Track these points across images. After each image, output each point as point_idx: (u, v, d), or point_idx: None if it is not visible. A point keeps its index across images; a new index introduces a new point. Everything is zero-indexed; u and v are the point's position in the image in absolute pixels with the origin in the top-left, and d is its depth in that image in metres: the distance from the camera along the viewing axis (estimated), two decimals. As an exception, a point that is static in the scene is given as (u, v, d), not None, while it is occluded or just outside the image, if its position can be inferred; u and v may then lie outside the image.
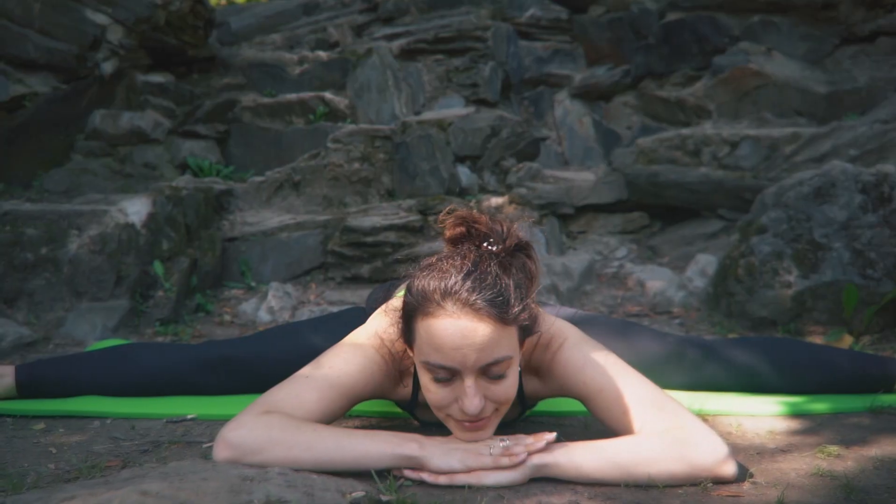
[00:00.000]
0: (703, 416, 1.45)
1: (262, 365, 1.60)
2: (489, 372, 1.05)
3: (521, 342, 1.11)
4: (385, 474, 1.05)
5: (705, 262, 2.91)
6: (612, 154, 3.70)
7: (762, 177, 3.05)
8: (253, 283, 3.21)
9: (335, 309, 2.93)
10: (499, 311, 1.03)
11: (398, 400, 1.27)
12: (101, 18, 3.71)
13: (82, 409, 1.54)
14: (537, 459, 1.06)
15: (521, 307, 1.06)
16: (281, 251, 3.29)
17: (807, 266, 2.30)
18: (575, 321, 1.38)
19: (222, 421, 1.49)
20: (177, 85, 4.05)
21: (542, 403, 1.49)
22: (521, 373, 1.19)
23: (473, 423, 1.06)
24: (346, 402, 1.15)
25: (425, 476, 1.05)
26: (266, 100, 4.09)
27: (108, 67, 3.77)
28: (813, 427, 1.41)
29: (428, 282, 1.06)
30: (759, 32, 3.54)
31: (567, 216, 3.54)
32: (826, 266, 2.28)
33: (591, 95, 4.32)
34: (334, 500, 0.90)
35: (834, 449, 1.24)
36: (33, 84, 3.64)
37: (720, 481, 1.07)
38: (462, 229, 1.13)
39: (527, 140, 3.72)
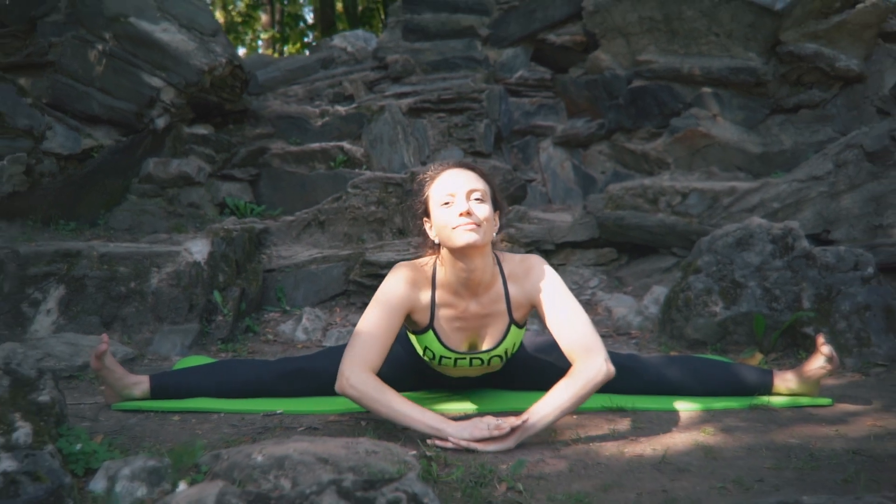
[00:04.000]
0: (636, 410, 2.11)
1: (326, 375, 2.21)
2: (473, 196, 1.80)
3: (495, 208, 1.87)
4: (425, 441, 1.71)
5: (659, 293, 3.59)
6: (586, 199, 4.39)
7: (706, 223, 3.74)
8: (287, 308, 3.84)
9: (358, 330, 3.58)
10: (480, 169, 1.87)
11: (422, 311, 1.91)
12: (156, 82, 4.37)
13: (201, 407, 2.14)
14: (520, 433, 1.72)
15: (493, 178, 1.91)
16: (310, 280, 3.91)
17: (729, 299, 2.99)
18: (551, 342, 2.06)
19: (304, 415, 2.13)
20: (216, 135, 4.71)
21: (515, 401, 2.13)
22: (506, 280, 1.92)
23: (468, 222, 1.75)
24: (392, 330, 1.84)
25: (447, 444, 1.72)
26: (292, 148, 4.75)
27: (160, 122, 4.42)
28: (706, 417, 2.06)
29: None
30: (707, 101, 4.25)
31: (549, 251, 4.22)
32: (743, 300, 2.96)
33: (572, 143, 5.02)
34: (403, 452, 1.55)
35: (711, 430, 1.91)
36: (99, 137, 4.29)
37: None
38: None
39: (515, 185, 4.41)
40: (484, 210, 1.79)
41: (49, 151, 4.01)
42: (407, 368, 2.17)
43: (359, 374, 1.76)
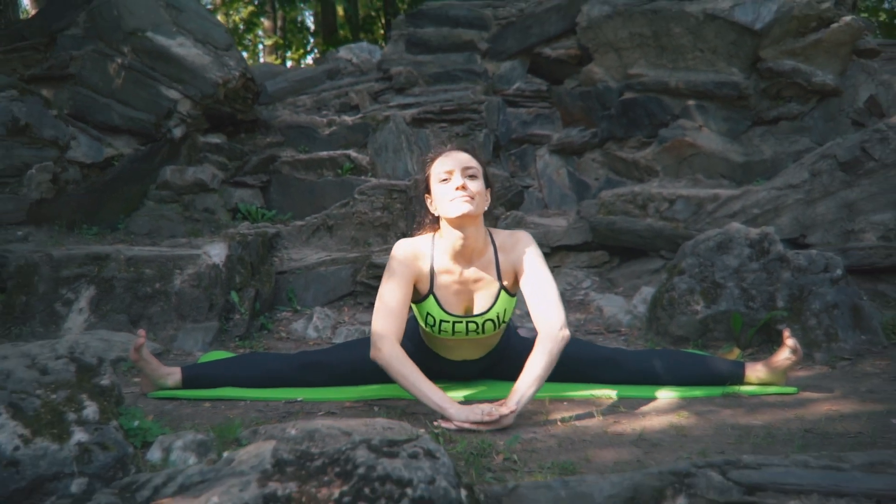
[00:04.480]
0: (620, 398, 2.35)
1: (342, 367, 2.45)
2: (467, 173, 2.09)
3: (487, 186, 2.15)
4: (432, 422, 1.96)
5: (647, 293, 3.83)
6: (580, 204, 4.63)
7: (691, 227, 3.99)
8: (298, 307, 4.07)
9: (366, 327, 3.81)
10: (474, 151, 2.15)
11: (423, 280, 2.17)
12: (173, 94, 4.61)
13: (228, 395, 2.36)
14: (512, 414, 1.97)
15: (486, 162, 2.19)
16: (319, 282, 4.14)
17: (710, 299, 3.23)
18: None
19: (321, 402, 2.37)
20: (229, 144, 4.95)
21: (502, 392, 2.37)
22: (497, 250, 2.18)
23: (464, 194, 2.03)
24: (406, 296, 2.11)
25: (450, 425, 1.96)
26: (301, 155, 4.99)
27: (177, 132, 4.67)
28: (682, 403, 2.30)
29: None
30: (693, 113, 4.50)
31: (544, 254, 4.46)
32: (723, 299, 3.20)
33: (567, 151, 5.26)
34: (415, 429, 1.80)
35: (685, 413, 2.16)
36: (119, 146, 4.53)
37: None
38: None
39: (513, 192, 4.65)
40: (477, 185, 2.07)
41: (73, 160, 4.25)
42: (413, 360, 2.41)
43: (389, 346, 2.04)
